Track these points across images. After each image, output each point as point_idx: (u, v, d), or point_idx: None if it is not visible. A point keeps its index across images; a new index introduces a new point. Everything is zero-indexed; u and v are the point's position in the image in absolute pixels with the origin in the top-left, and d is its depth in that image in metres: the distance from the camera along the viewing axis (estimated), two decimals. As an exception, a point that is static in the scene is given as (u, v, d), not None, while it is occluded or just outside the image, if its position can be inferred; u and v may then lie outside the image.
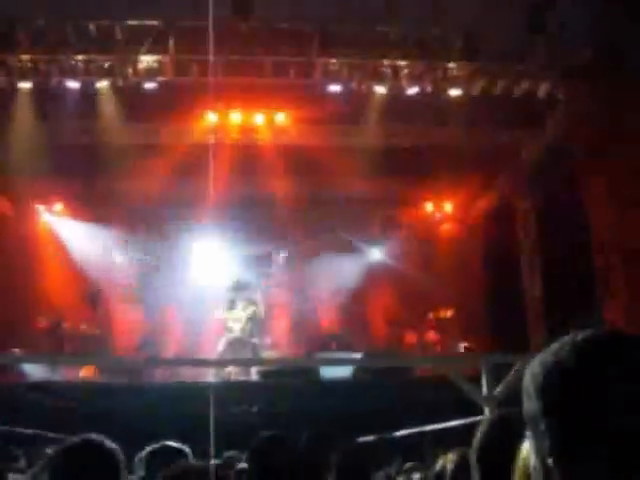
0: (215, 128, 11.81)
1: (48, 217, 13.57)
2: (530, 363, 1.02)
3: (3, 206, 12.84)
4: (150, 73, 10.15)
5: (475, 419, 3.88)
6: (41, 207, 13.52)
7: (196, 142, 11.67)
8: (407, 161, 12.23)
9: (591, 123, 9.62)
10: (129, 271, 13.53)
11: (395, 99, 10.84)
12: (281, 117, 11.94)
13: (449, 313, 13.16)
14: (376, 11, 9.36)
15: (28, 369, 9.30)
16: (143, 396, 8.28)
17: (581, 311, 9.11)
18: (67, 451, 2.22)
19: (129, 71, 10.08)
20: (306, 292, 13.83)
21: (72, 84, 10.21)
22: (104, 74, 10.12)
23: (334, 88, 10.60)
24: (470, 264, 13.68)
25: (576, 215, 10.02)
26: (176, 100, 10.72)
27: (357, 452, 3.80)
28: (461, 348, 11.71)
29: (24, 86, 10.27)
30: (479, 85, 10.51)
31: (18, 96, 10.53)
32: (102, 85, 10.39)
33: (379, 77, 10.51)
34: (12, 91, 10.41)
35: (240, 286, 11.38)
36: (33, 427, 5.34)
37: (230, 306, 11.10)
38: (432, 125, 11.78)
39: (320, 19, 9.73)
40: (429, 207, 14.49)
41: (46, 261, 13.27)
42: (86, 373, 10.29)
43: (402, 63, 10.40)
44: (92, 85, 10.35)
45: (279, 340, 12.52)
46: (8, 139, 11.04)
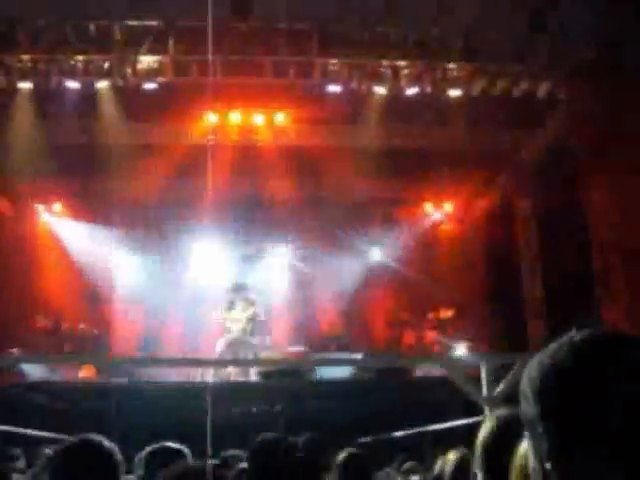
0: (215, 128, 11.82)
1: (47, 217, 13.57)
2: (527, 365, 1.02)
3: (2, 206, 12.84)
4: (150, 73, 10.15)
5: (475, 419, 3.87)
6: (40, 207, 13.53)
7: (195, 142, 11.66)
8: (407, 161, 12.24)
9: (592, 123, 9.61)
10: (128, 271, 13.52)
11: (395, 99, 10.83)
12: (281, 117, 11.95)
13: (449, 313, 13.15)
14: (376, 11, 9.35)
15: (27, 369, 9.30)
16: (142, 396, 8.27)
17: (581, 311, 9.11)
18: (66, 451, 2.22)
19: (129, 71, 10.07)
20: (306, 293, 13.83)
21: (72, 84, 10.20)
22: (104, 74, 10.11)
23: (334, 88, 10.59)
24: (470, 264, 13.67)
25: (577, 215, 10.02)
26: (176, 100, 10.72)
27: (359, 452, 3.80)
28: (461, 348, 11.70)
29: (24, 86, 10.26)
30: (479, 85, 10.51)
31: (18, 96, 10.54)
32: (102, 85, 10.38)
33: (379, 77, 10.50)
34: (12, 91, 10.40)
35: (239, 287, 11.38)
36: (32, 427, 5.33)
37: (229, 307, 11.10)
38: (432, 125, 11.78)
39: (320, 19, 9.72)
40: (429, 207, 14.50)
41: (45, 261, 13.27)
42: (85, 373, 10.29)
43: (402, 63, 10.38)
44: (92, 85, 10.34)
45: (279, 341, 12.51)
46: (8, 139, 11.04)
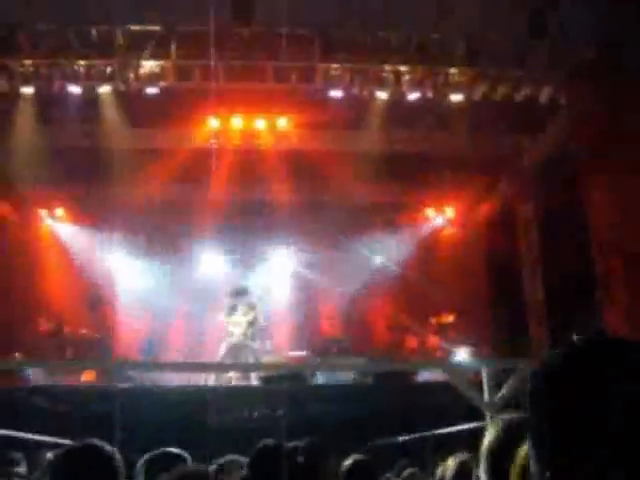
0: (217, 133, 11.84)
1: (50, 222, 13.60)
2: (530, 371, 1.02)
3: (5, 211, 12.86)
4: (152, 78, 10.16)
5: (477, 425, 3.87)
6: (43, 212, 13.56)
7: (197, 147, 11.70)
8: (409, 166, 12.24)
9: (593, 123, 9.60)
10: (130, 275, 13.53)
11: (396, 104, 10.84)
12: (283, 122, 11.95)
13: (451, 318, 13.13)
14: (377, 16, 9.36)
15: (33, 372, 9.32)
16: (144, 401, 8.26)
17: (583, 315, 9.10)
18: (67, 455, 2.22)
19: (131, 76, 10.09)
20: (307, 297, 13.83)
21: (74, 89, 10.22)
22: (106, 79, 10.13)
23: (335, 93, 10.60)
24: (472, 269, 13.66)
25: (577, 216, 10.01)
26: (177, 105, 10.74)
27: (365, 458, 3.80)
28: (463, 353, 11.68)
29: (26, 91, 10.28)
30: (480, 90, 10.52)
31: (20, 101, 10.55)
32: (104, 90, 10.40)
33: (380, 82, 10.52)
34: (14, 96, 10.42)
35: (241, 291, 11.38)
36: (34, 431, 5.33)
37: (230, 311, 11.10)
38: (434, 130, 11.79)
39: (321, 24, 9.73)
40: (431, 212, 14.50)
41: (48, 265, 13.29)
42: (87, 377, 10.29)
43: (403, 68, 10.40)
44: (94, 90, 10.36)
45: (280, 345, 12.51)
46: (10, 144, 11.06)
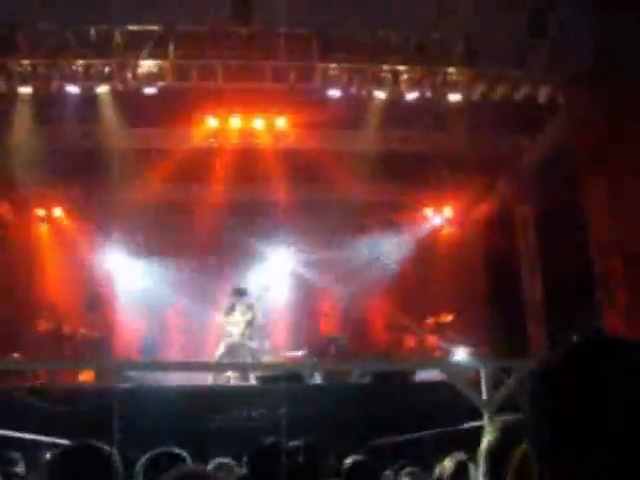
0: (215, 133, 11.85)
1: (48, 221, 13.58)
2: (528, 371, 1.02)
3: (4, 210, 12.86)
4: (150, 78, 10.15)
5: (475, 424, 3.88)
6: (42, 212, 13.54)
7: (196, 147, 11.71)
8: (407, 166, 12.25)
9: (592, 127, 9.60)
10: (129, 275, 13.52)
11: (395, 104, 10.84)
12: (281, 122, 11.95)
13: (449, 317, 13.13)
14: (376, 16, 9.36)
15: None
16: (142, 400, 8.26)
17: (582, 315, 9.11)
18: (64, 455, 2.22)
19: (129, 76, 10.08)
20: (305, 296, 13.83)
21: (72, 89, 10.20)
22: (104, 79, 10.12)
23: (334, 93, 10.60)
24: (470, 268, 13.67)
25: (576, 219, 10.02)
26: (176, 105, 10.74)
27: (365, 458, 3.80)
28: (461, 353, 11.68)
29: (24, 91, 10.26)
30: (479, 90, 10.51)
31: (18, 101, 10.54)
32: (102, 90, 10.39)
33: (379, 82, 10.51)
34: (12, 96, 10.41)
35: (239, 291, 11.38)
36: (32, 431, 5.33)
37: (229, 311, 11.11)
38: (432, 130, 11.79)
39: (320, 24, 9.73)
40: (429, 212, 14.50)
41: (46, 265, 13.28)
42: (86, 377, 10.29)
43: (402, 68, 10.39)
44: (92, 90, 10.34)
45: (278, 344, 12.51)
46: (8, 144, 11.05)
